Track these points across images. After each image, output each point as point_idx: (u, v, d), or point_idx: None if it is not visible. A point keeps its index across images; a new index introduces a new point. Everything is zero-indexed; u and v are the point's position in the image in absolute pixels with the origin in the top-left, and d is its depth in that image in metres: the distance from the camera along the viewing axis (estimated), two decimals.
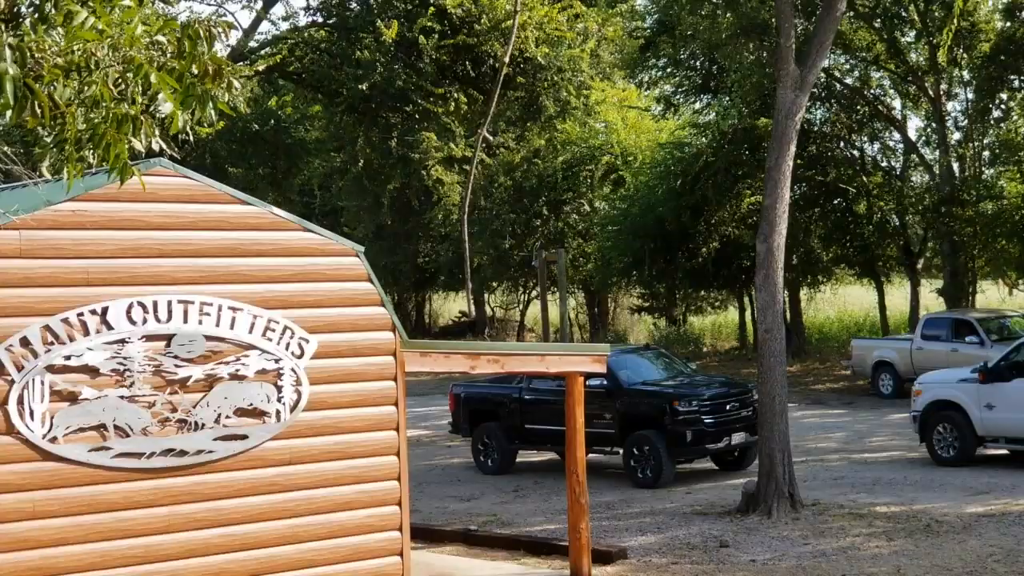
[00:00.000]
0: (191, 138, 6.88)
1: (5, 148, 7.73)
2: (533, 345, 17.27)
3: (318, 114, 39.23)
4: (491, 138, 30.80)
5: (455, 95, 28.87)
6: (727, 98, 40.73)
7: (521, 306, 53.11)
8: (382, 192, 45.08)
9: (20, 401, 11.33)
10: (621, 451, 21.76)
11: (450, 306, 60.55)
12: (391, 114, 30.59)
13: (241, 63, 24.31)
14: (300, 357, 12.87)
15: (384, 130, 32.70)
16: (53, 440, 11.49)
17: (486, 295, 52.84)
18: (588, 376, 15.23)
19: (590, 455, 15.25)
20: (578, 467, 14.71)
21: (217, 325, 12.39)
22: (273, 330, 12.71)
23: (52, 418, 11.48)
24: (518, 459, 23.94)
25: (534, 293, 49.82)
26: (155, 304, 12.07)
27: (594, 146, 46.26)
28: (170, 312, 12.14)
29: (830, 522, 17.60)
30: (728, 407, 21.72)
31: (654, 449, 21.19)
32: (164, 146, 6.37)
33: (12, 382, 11.30)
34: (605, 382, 21.09)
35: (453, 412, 24.58)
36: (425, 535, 17.55)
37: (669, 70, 43.89)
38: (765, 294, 18.78)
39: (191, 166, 12.90)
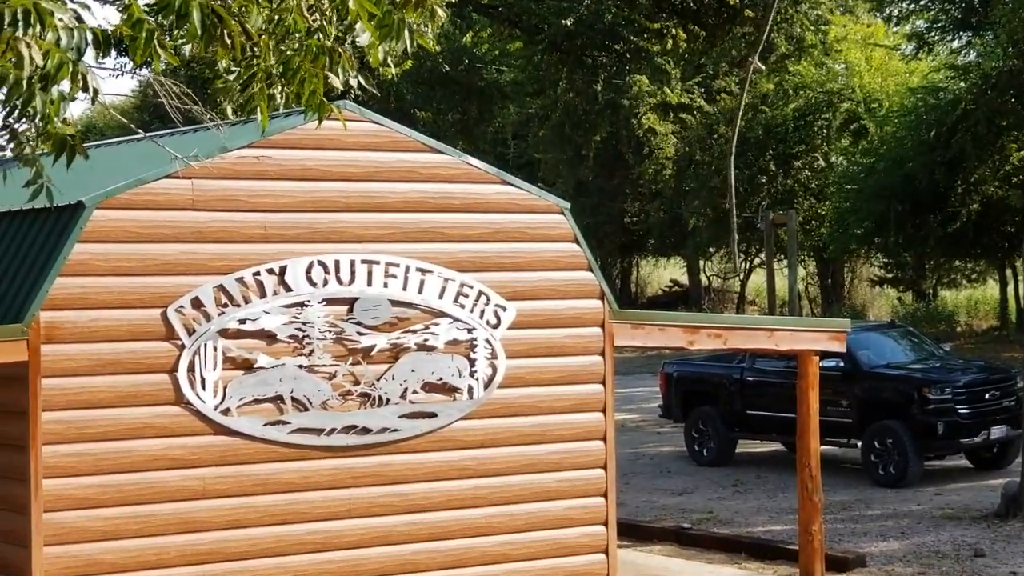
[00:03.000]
0: (386, 76, 6.98)
1: (176, 86, 7.94)
2: (761, 319, 17.13)
3: (515, 53, 39.46)
4: (762, 67, 30.16)
5: (672, 31, 28.66)
6: (991, 35, 39.54)
7: (741, 275, 52.65)
8: (585, 143, 45.12)
9: (191, 368, 11.71)
10: (859, 443, 21.44)
11: (660, 274, 60.37)
12: (598, 53, 30.58)
13: None
14: (496, 327, 13.00)
15: (590, 72, 32.75)
16: (226, 412, 11.85)
17: (701, 262, 52.54)
18: (823, 356, 15.03)
19: (823, 447, 15.05)
20: (811, 460, 14.55)
21: (404, 289, 12.59)
22: (466, 295, 12.86)
23: (225, 388, 11.84)
24: (738, 449, 23.80)
25: (757, 261, 49.31)
26: (337, 264, 12.32)
27: (832, 91, 45.47)
28: (353, 273, 12.38)
29: None
30: (987, 396, 21.21)
31: (898, 442, 20.82)
32: (363, 83, 6.45)
33: (182, 347, 11.68)
34: (842, 363, 20.79)
35: (664, 394, 24.54)
36: (631, 532, 17.59)
37: (923, 2, 42.83)
38: None
39: (373, 110, 13.09)
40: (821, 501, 14.76)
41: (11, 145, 6.08)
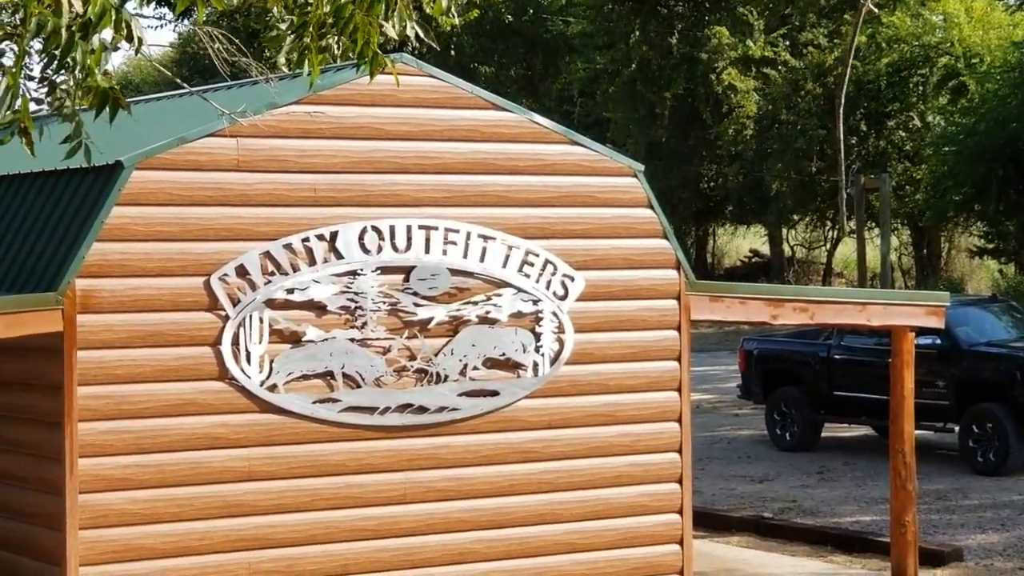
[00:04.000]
0: (446, 27, 6.97)
1: (224, 36, 7.95)
2: (852, 291, 17.06)
3: (584, 3, 39.35)
4: (875, 9, 29.81)
5: None
6: None
7: (828, 245, 52.33)
8: (659, 101, 44.94)
9: (235, 341, 11.80)
10: (957, 428, 21.31)
11: (738, 243, 60.12)
12: (674, 2, 30.45)
13: None
14: (563, 298, 13.00)
15: (664, 23, 32.63)
16: (272, 388, 11.93)
17: (784, 230, 52.26)
18: (919, 332, 14.94)
19: (917, 431, 14.98)
20: (904, 445, 14.49)
21: (464, 256, 12.62)
22: (531, 264, 12.87)
23: (271, 362, 11.91)
24: (824, 433, 23.72)
25: (847, 229, 49.03)
26: (392, 229, 12.36)
27: (929, 45, 45.04)
28: (409, 239, 12.42)
29: None
30: None
31: (999, 427, 20.67)
32: (420, 34, 6.43)
33: (226, 318, 11.77)
34: (939, 341, 20.66)
35: (743, 373, 24.46)
36: (707, 521, 17.59)
37: None
38: None
39: (432, 65, 13.11)
40: (915, 490, 14.69)
41: (49, 99, 6.12)
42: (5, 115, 5.84)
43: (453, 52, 38.48)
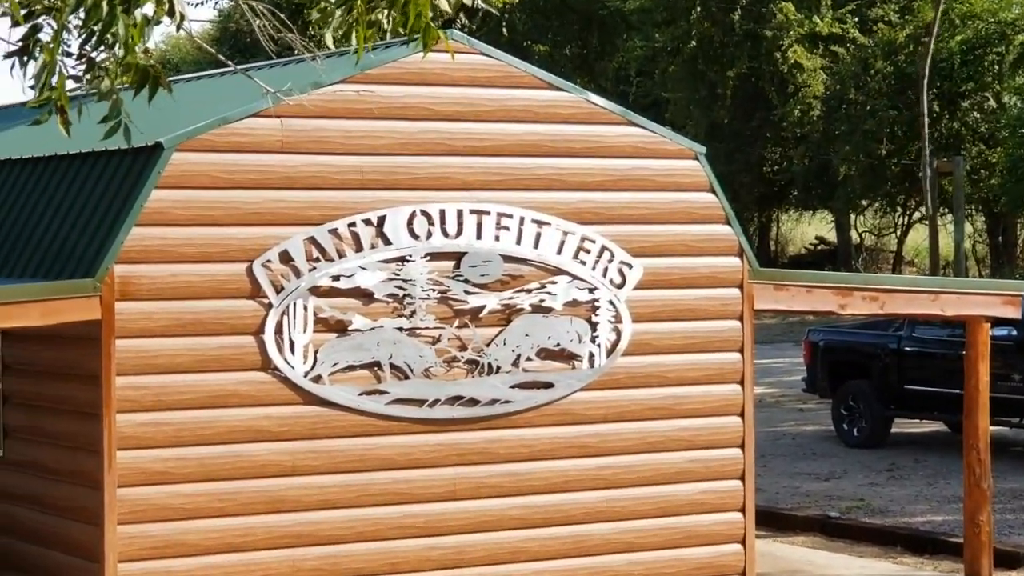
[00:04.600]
0: (499, 1, 6.95)
1: (268, 10, 7.96)
2: (925, 280, 16.97)
3: None
4: None
5: None
6: None
7: (898, 231, 52.08)
8: (721, 80, 44.80)
9: (278, 330, 11.84)
10: None
11: (803, 230, 59.92)
12: None
13: None
14: (620, 287, 13.00)
15: None
16: (317, 380, 11.97)
17: (852, 216, 52.04)
18: (994, 323, 14.87)
19: (992, 427, 14.91)
20: (979, 441, 14.41)
21: (518, 242, 12.63)
22: (587, 251, 12.87)
23: (316, 352, 11.96)
24: (893, 429, 23.61)
25: (917, 215, 48.77)
26: (442, 214, 12.38)
27: (1005, 21, 44.73)
28: (460, 224, 12.43)
29: None
30: None
31: None
32: (480, 1, 6.40)
33: (269, 306, 11.81)
34: (1016, 332, 20.55)
35: (809, 365, 24.37)
36: (771, 520, 17.55)
37: None
38: None
39: (484, 42, 13.11)
40: (990, 488, 14.61)
41: (87, 76, 6.15)
42: (42, 93, 5.88)
43: (506, 30, 38.45)
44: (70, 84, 5.99)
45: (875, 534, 17.16)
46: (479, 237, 12.48)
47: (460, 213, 12.42)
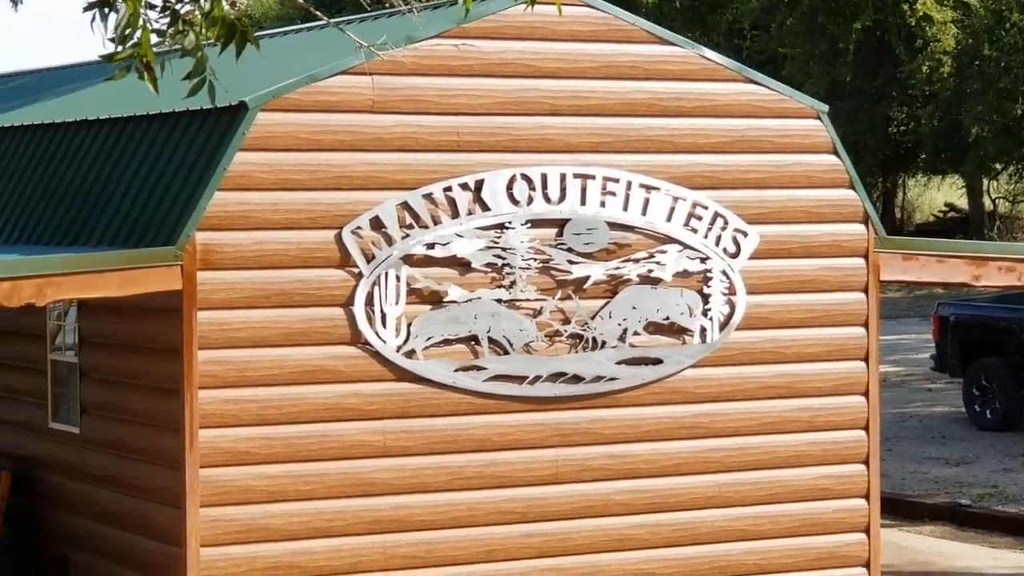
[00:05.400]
0: None
1: None
2: None
3: None
4: None
5: None
6: None
7: None
8: (843, 34, 44.44)
9: (369, 301, 11.90)
10: None
11: (932, 195, 59.46)
12: None
13: None
14: (735, 256, 12.96)
15: None
16: (410, 354, 12.03)
17: (985, 181, 51.54)
18: None
19: None
20: None
21: (624, 209, 12.62)
22: (699, 218, 12.84)
23: (409, 325, 12.01)
24: None
25: None
26: (544, 178, 12.39)
27: None
28: (563, 189, 12.44)
29: None
30: None
31: None
32: None
33: (360, 276, 11.88)
34: None
35: (938, 342, 24.21)
36: (896, 508, 17.48)
37: None
38: None
39: None
40: None
41: (170, 31, 6.19)
42: (124, 48, 5.92)
43: None
44: (153, 39, 6.03)
45: (1009, 523, 17.07)
46: (583, 203, 12.48)
47: (563, 177, 12.42)
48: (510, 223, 12.26)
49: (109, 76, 6.74)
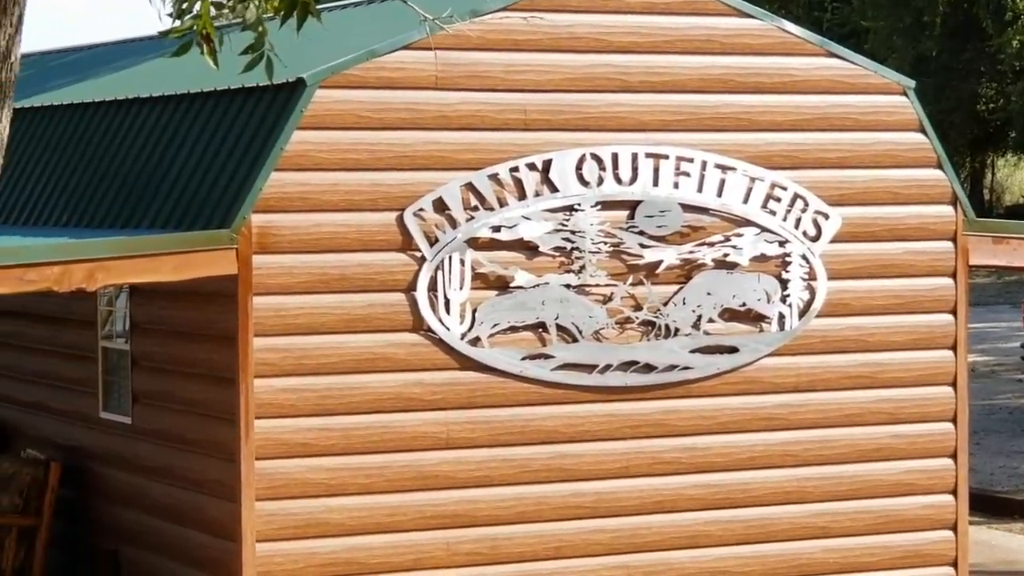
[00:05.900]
0: None
1: None
2: None
3: None
4: None
5: None
6: None
7: None
8: (929, 7, 44.22)
9: (432, 286, 11.92)
10: None
11: (1022, 176, 59.15)
12: None
13: None
14: (815, 239, 12.91)
15: None
16: (475, 342, 12.03)
17: None
18: None
19: None
20: None
21: (699, 190, 12.59)
22: (778, 200, 12.79)
23: (474, 312, 12.02)
24: None
25: None
26: (615, 157, 12.36)
27: None
28: (635, 170, 12.42)
29: None
30: None
31: None
32: None
33: (422, 260, 11.89)
34: None
35: None
36: (984, 505, 17.39)
37: None
38: None
39: None
40: None
41: (231, 3, 6.20)
42: (183, 21, 5.94)
43: None
44: (212, 11, 6.04)
45: None
46: (656, 184, 12.45)
47: (635, 157, 12.40)
48: (579, 205, 12.25)
49: (162, 52, 6.77)
